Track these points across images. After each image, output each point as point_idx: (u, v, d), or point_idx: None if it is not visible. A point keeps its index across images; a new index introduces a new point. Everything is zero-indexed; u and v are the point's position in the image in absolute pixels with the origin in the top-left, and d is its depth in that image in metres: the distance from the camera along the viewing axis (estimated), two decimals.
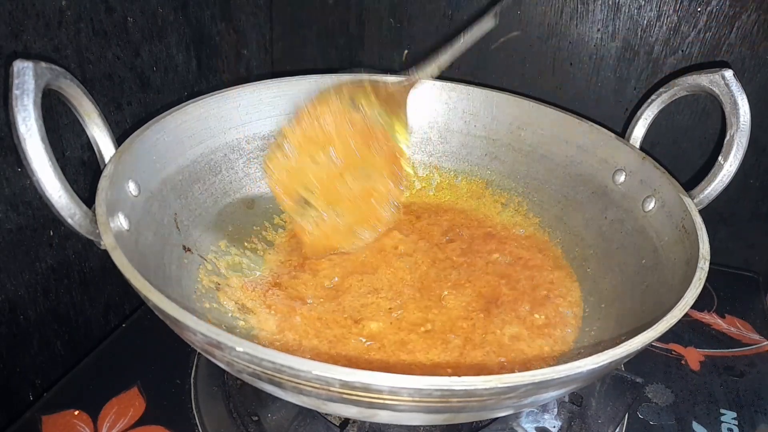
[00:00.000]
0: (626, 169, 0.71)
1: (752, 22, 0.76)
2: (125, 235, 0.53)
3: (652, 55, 0.83)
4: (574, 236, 0.76)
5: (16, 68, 0.45)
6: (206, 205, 0.70)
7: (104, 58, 0.67)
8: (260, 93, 0.77)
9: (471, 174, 0.86)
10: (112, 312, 0.76)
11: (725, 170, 0.64)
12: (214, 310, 0.62)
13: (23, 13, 0.56)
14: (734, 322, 0.80)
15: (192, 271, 0.64)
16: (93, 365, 0.68)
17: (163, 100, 0.78)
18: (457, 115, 0.85)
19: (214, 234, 0.70)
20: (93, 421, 0.61)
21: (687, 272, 0.54)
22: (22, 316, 0.63)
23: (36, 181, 0.46)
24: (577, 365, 0.40)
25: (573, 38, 0.85)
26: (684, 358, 0.74)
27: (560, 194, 0.79)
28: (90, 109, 0.56)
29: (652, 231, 0.65)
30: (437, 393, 0.37)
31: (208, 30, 0.85)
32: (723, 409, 0.68)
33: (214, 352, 0.41)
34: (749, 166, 0.83)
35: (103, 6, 0.66)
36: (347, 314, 0.66)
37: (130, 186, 0.57)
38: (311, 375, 0.36)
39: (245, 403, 0.61)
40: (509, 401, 0.41)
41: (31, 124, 0.45)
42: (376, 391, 0.37)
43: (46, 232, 0.64)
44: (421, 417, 0.46)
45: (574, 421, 0.62)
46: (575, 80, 0.88)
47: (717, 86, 0.65)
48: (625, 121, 0.86)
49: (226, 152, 0.74)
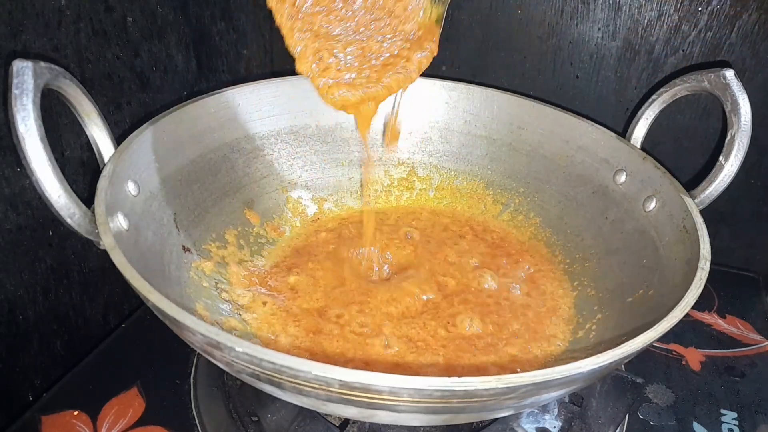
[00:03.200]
0: (627, 169, 0.71)
1: (753, 22, 0.76)
2: (125, 235, 0.53)
3: (653, 55, 0.83)
4: (575, 236, 0.76)
5: (15, 68, 0.45)
6: (206, 204, 0.70)
7: (104, 57, 0.67)
8: (259, 93, 0.77)
9: (471, 174, 0.86)
10: (112, 312, 0.76)
11: (726, 170, 0.64)
12: (214, 311, 0.62)
13: (22, 12, 0.56)
14: (735, 323, 0.80)
15: (191, 271, 0.64)
16: (92, 365, 0.68)
17: (162, 99, 0.78)
18: (457, 114, 0.84)
19: (213, 234, 0.70)
20: (92, 421, 0.61)
21: (688, 272, 0.54)
22: (21, 316, 0.63)
23: (35, 181, 0.46)
24: (578, 365, 0.39)
25: (573, 38, 0.85)
26: (685, 359, 0.74)
27: (561, 194, 0.79)
28: (89, 109, 0.56)
29: (652, 231, 0.65)
30: (437, 393, 0.37)
31: (208, 29, 0.85)
32: (724, 409, 0.68)
33: (214, 353, 0.41)
34: (750, 165, 0.83)
35: (102, 5, 0.65)
36: (346, 314, 0.66)
37: (130, 186, 0.58)
38: (311, 375, 0.36)
39: (245, 404, 0.61)
40: (510, 402, 0.41)
41: (31, 123, 0.45)
42: (376, 392, 0.37)
43: (45, 232, 0.64)
44: (421, 417, 0.46)
45: (575, 421, 0.62)
46: (576, 80, 0.88)
47: (718, 86, 0.64)
48: (626, 121, 0.86)
49: (226, 152, 0.74)
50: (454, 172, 0.86)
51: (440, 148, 0.86)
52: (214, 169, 0.72)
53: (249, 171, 0.77)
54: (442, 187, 0.87)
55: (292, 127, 0.80)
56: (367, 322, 0.65)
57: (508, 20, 0.87)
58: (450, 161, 0.86)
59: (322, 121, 0.82)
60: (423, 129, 0.86)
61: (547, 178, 0.80)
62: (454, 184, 0.86)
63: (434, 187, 0.87)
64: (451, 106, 0.84)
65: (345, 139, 0.84)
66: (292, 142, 0.80)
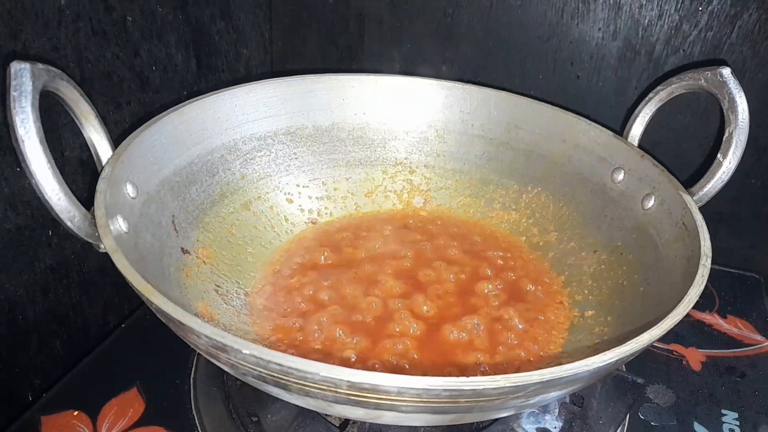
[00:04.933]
0: (625, 167, 0.71)
1: (753, 22, 0.76)
2: (124, 237, 0.53)
3: (654, 55, 0.83)
4: (574, 235, 0.76)
5: (13, 69, 0.45)
6: (204, 206, 0.70)
7: (103, 57, 0.67)
8: (257, 93, 0.76)
9: (469, 174, 0.85)
10: (112, 312, 0.76)
11: (724, 167, 0.64)
12: (214, 312, 0.62)
13: (22, 12, 0.56)
14: (736, 323, 0.80)
15: (191, 273, 0.64)
16: (92, 366, 0.67)
17: (162, 99, 0.77)
18: (454, 114, 0.84)
19: (211, 236, 0.70)
20: (92, 421, 0.60)
21: (689, 270, 0.54)
22: (21, 316, 0.63)
23: (35, 184, 0.46)
24: (585, 364, 0.40)
25: (574, 38, 0.85)
26: (685, 359, 0.74)
27: (559, 193, 0.79)
28: (87, 111, 0.55)
29: (652, 229, 0.65)
30: (445, 393, 0.37)
31: (208, 29, 0.85)
32: (724, 409, 0.68)
33: (219, 355, 0.40)
34: (750, 165, 0.83)
35: (102, 5, 0.65)
36: (346, 315, 0.66)
37: (128, 188, 0.57)
38: (319, 377, 0.36)
39: (245, 404, 0.61)
40: (516, 401, 0.41)
41: (30, 126, 0.45)
42: (384, 392, 0.37)
43: (45, 232, 0.64)
44: (428, 418, 0.46)
45: (575, 421, 0.62)
46: (576, 80, 0.88)
47: (714, 84, 0.65)
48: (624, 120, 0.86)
49: (223, 153, 0.74)
50: (452, 171, 0.86)
51: (437, 148, 0.86)
52: (212, 171, 0.72)
53: (246, 172, 0.76)
54: (439, 186, 0.87)
55: (288, 127, 0.80)
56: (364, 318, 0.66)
57: (508, 20, 0.87)
58: (447, 161, 0.86)
59: (318, 122, 0.82)
60: (420, 129, 0.86)
61: (545, 177, 0.80)
62: (452, 183, 0.86)
63: (432, 187, 0.87)
64: (448, 105, 0.84)
65: (342, 139, 0.84)
66: (289, 143, 0.80)
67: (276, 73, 0.87)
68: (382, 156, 0.86)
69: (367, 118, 0.84)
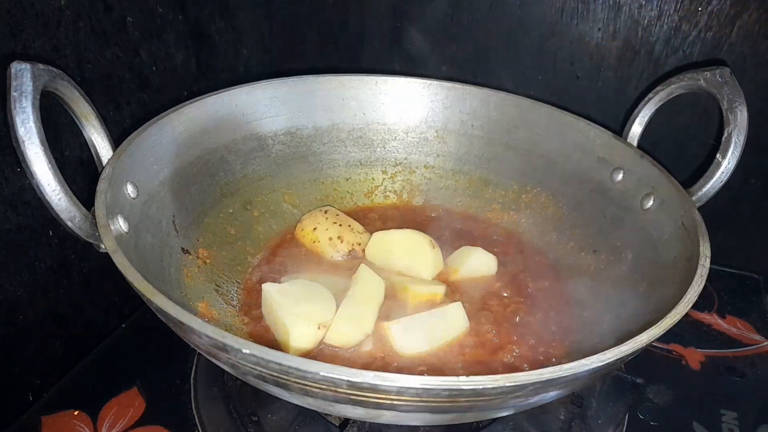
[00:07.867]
0: (624, 167, 0.71)
1: (753, 22, 0.76)
2: (125, 237, 0.53)
3: (653, 55, 0.83)
4: (574, 234, 0.76)
5: (13, 70, 0.45)
6: (204, 206, 0.70)
7: (103, 57, 0.67)
8: (256, 94, 0.76)
9: (469, 173, 0.86)
10: (112, 312, 0.76)
11: (723, 167, 0.64)
12: (214, 312, 0.62)
13: (22, 12, 0.56)
14: (735, 323, 0.80)
15: (191, 273, 0.64)
16: (92, 365, 0.68)
17: (162, 99, 0.77)
18: (454, 114, 0.84)
19: (211, 235, 0.70)
20: (93, 421, 0.60)
21: (688, 269, 0.54)
22: (21, 316, 0.63)
23: (35, 185, 0.46)
24: (584, 363, 0.40)
25: (574, 38, 0.85)
26: (685, 359, 0.74)
27: (559, 193, 0.79)
28: (87, 111, 0.55)
29: (651, 228, 0.65)
30: (445, 393, 0.37)
31: (207, 28, 0.85)
32: (723, 409, 0.68)
33: (219, 355, 0.40)
34: (750, 166, 0.83)
35: (101, 5, 0.65)
36: None
37: (129, 188, 0.57)
38: (318, 376, 0.36)
39: (245, 404, 0.61)
40: (516, 400, 0.41)
41: (30, 126, 0.45)
42: (384, 392, 0.37)
43: (45, 232, 0.64)
44: (427, 417, 0.46)
45: (575, 421, 0.62)
46: (576, 80, 0.88)
47: (714, 84, 0.65)
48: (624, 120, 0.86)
49: (223, 153, 0.74)
50: (452, 171, 0.86)
51: (437, 148, 0.86)
52: (212, 171, 0.72)
53: (246, 172, 0.76)
54: (439, 186, 0.87)
55: (288, 128, 0.80)
56: None
57: (508, 20, 0.87)
58: (447, 161, 0.86)
59: (318, 122, 0.82)
60: (420, 129, 0.86)
61: (545, 177, 0.80)
62: (452, 183, 0.86)
63: (432, 187, 0.87)
64: (447, 106, 0.84)
65: (341, 140, 0.84)
66: (289, 143, 0.80)
67: (275, 72, 0.86)
68: (382, 156, 0.86)
69: (367, 119, 0.84)
